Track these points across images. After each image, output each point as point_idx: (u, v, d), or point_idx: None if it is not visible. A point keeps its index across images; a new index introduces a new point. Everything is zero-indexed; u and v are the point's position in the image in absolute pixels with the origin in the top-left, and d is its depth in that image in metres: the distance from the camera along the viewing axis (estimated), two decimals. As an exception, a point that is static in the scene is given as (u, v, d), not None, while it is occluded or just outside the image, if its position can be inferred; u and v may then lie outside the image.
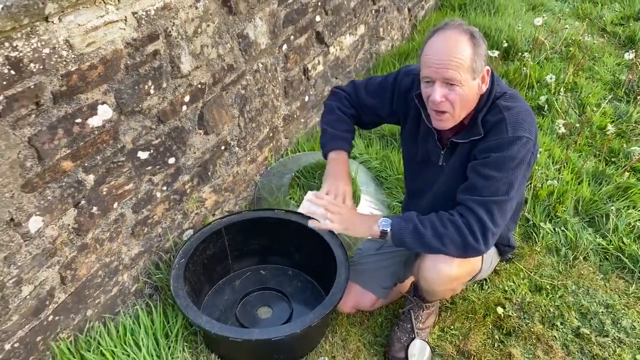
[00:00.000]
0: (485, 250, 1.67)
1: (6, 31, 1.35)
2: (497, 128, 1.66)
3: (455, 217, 1.67)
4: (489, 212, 1.63)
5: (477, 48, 1.61)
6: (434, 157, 1.87)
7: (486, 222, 1.63)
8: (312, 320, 1.79)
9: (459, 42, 1.59)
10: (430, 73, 1.63)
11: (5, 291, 1.53)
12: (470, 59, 1.59)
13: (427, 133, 1.86)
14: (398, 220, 1.74)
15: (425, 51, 1.66)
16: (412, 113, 1.90)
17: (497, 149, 1.64)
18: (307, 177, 2.76)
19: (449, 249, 1.68)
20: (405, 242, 1.72)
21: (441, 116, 1.68)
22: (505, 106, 1.67)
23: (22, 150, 1.49)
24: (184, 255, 2.04)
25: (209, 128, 2.23)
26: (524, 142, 1.63)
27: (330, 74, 3.28)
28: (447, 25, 1.65)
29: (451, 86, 1.61)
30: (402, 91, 1.92)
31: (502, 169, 1.63)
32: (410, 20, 4.51)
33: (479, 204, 1.64)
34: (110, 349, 1.82)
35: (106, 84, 1.71)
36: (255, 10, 2.38)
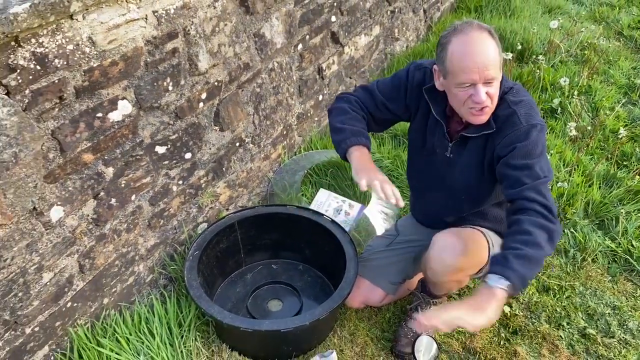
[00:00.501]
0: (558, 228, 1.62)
1: (33, 28, 1.42)
2: (510, 121, 1.71)
3: (526, 217, 1.59)
4: (541, 193, 1.63)
5: (498, 45, 1.67)
6: (441, 149, 1.89)
7: (546, 202, 1.61)
8: (321, 313, 1.83)
9: (486, 40, 1.63)
10: (474, 78, 1.62)
11: (27, 277, 1.60)
12: (499, 54, 1.65)
13: (435, 126, 1.88)
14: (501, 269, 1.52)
15: (458, 58, 1.63)
16: (422, 107, 1.92)
17: (518, 139, 1.68)
18: (319, 175, 2.81)
19: (546, 250, 1.56)
20: (527, 279, 1.54)
21: (482, 111, 1.70)
22: (513, 101, 1.73)
23: (45, 143, 1.55)
24: (198, 247, 2.10)
25: (224, 125, 2.29)
26: (539, 129, 1.69)
27: (345, 74, 3.32)
28: (465, 26, 1.65)
29: (490, 84, 1.65)
30: (415, 85, 1.92)
31: (531, 155, 1.67)
32: (425, 22, 4.54)
33: (531, 190, 1.63)
34: (125, 337, 1.88)
35: (126, 80, 1.77)
36: (271, 10, 2.43)
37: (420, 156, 1.99)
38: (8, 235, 1.51)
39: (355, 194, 2.70)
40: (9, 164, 1.46)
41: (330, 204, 2.59)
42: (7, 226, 1.51)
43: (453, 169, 1.88)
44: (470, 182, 1.84)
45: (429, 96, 1.84)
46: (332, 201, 2.60)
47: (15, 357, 1.64)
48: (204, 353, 1.97)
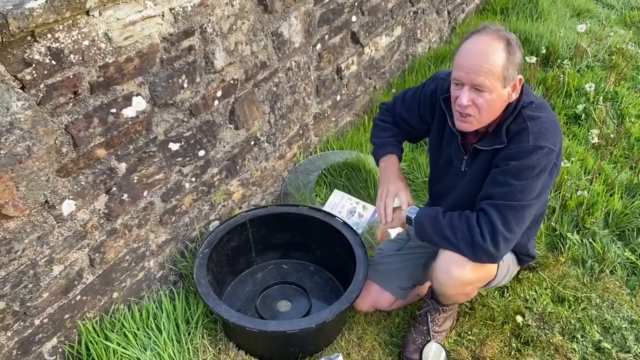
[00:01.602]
0: (497, 254, 1.66)
1: (49, 23, 1.43)
2: (518, 137, 1.65)
3: (472, 215, 1.70)
4: (502, 215, 1.63)
5: (512, 56, 1.60)
6: (457, 161, 1.87)
7: (497, 225, 1.63)
8: (328, 316, 1.82)
9: (493, 47, 1.59)
10: (460, 76, 1.63)
11: (37, 269, 1.62)
12: (502, 67, 1.59)
13: (451, 137, 1.86)
14: (424, 209, 1.83)
15: (459, 52, 1.66)
16: (438, 116, 1.91)
17: (517, 157, 1.63)
18: (334, 176, 2.79)
19: (459, 243, 1.71)
20: (424, 227, 1.78)
21: (466, 118, 1.68)
22: (530, 116, 1.67)
23: (59, 137, 1.57)
24: (209, 245, 2.10)
25: (239, 123, 2.29)
26: (545, 152, 1.62)
27: (364, 75, 3.29)
28: (485, 29, 1.64)
29: (480, 92, 1.61)
30: (428, 95, 1.94)
31: (520, 177, 1.62)
32: (449, 23, 4.48)
33: (492, 206, 1.65)
34: (133, 331, 1.89)
35: (141, 76, 1.78)
36: (290, 9, 2.42)
37: (436, 165, 2.00)
38: (20, 228, 1.53)
39: (370, 196, 2.68)
40: (22, 157, 1.48)
41: (344, 205, 2.58)
42: (19, 218, 1.53)
43: (464, 180, 1.85)
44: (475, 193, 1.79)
45: (445, 105, 1.82)
46: (346, 202, 2.58)
47: (24, 347, 1.66)
48: (210, 351, 1.98)
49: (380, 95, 3.50)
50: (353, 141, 3.07)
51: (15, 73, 1.40)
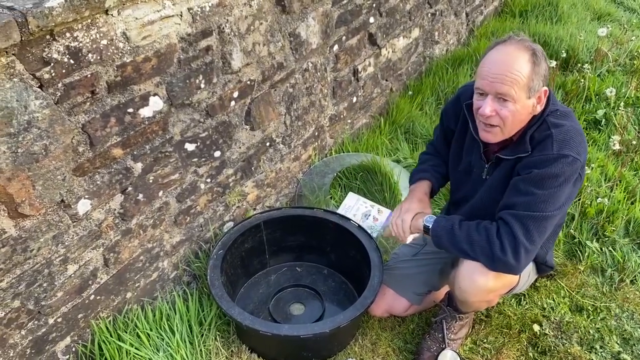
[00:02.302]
0: (517, 266, 1.64)
1: (68, 22, 1.42)
2: (542, 145, 1.62)
3: (491, 226, 1.67)
4: (524, 227, 1.60)
5: (537, 67, 1.57)
6: (477, 169, 1.84)
7: (519, 237, 1.59)
8: (342, 321, 1.80)
9: (518, 58, 1.56)
10: (483, 85, 1.61)
11: (52, 268, 1.62)
12: (527, 77, 1.56)
13: (472, 145, 1.83)
14: (441, 218, 1.79)
15: (483, 62, 1.63)
16: (460, 123, 1.89)
17: (540, 165, 1.60)
18: (349, 178, 2.77)
19: (477, 256, 1.68)
20: (441, 240, 1.76)
21: (490, 129, 1.66)
22: (554, 123, 1.63)
23: (75, 136, 1.56)
24: (223, 246, 2.09)
25: (255, 124, 2.27)
26: (570, 161, 1.58)
27: (381, 76, 3.27)
28: (510, 39, 1.62)
29: (504, 102, 1.58)
30: (450, 105, 1.95)
31: (543, 186, 1.59)
32: (467, 25, 4.44)
33: (514, 217, 1.61)
34: (146, 332, 1.88)
35: (159, 76, 1.77)
36: (308, 10, 2.40)
37: (455, 172, 1.97)
38: (35, 226, 1.53)
39: (385, 199, 2.65)
40: (39, 156, 1.47)
41: (359, 208, 2.54)
42: (35, 217, 1.52)
43: (483, 188, 1.82)
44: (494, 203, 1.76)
45: (468, 111, 1.79)
46: (360, 205, 2.55)
47: (38, 346, 1.66)
48: (223, 353, 1.96)
49: (396, 98, 3.48)
50: (369, 143, 3.04)
51: (33, 72, 1.40)
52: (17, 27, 1.29)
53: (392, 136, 3.19)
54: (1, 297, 1.50)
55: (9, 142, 1.38)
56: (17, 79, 1.36)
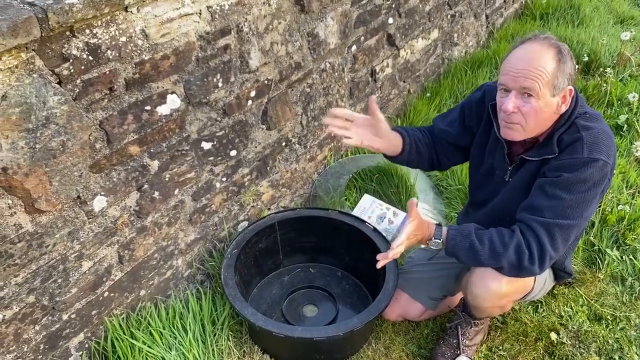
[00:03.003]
0: (540, 272, 1.62)
1: (87, 19, 1.42)
2: (572, 148, 1.58)
3: (516, 235, 1.61)
4: (550, 235, 1.56)
5: (562, 65, 1.53)
6: (500, 171, 1.81)
7: (546, 246, 1.56)
8: (356, 324, 1.78)
9: (543, 54, 1.53)
10: (507, 80, 1.57)
11: (67, 264, 1.62)
12: (552, 74, 1.52)
13: (496, 146, 1.80)
14: (454, 234, 1.70)
15: (507, 59, 1.60)
16: (483, 124, 1.85)
17: (570, 168, 1.56)
18: (365, 180, 2.75)
19: (504, 269, 1.65)
20: (459, 258, 1.70)
21: (511, 126, 1.62)
22: (584, 126, 1.59)
23: (93, 133, 1.56)
24: (237, 246, 2.08)
25: (271, 124, 2.26)
26: (600, 165, 1.54)
27: (399, 77, 3.24)
28: (535, 37, 1.59)
29: (527, 97, 1.55)
30: (474, 104, 1.89)
31: (572, 190, 1.55)
32: (487, 27, 4.39)
33: (541, 225, 1.57)
34: (158, 330, 1.88)
35: (177, 74, 1.77)
36: (327, 9, 2.38)
37: (476, 174, 1.93)
38: (51, 222, 1.53)
39: (401, 202, 2.62)
40: (57, 152, 1.48)
41: (374, 210, 2.51)
42: (51, 213, 1.53)
43: (506, 189, 1.79)
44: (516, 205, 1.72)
45: (493, 113, 1.76)
46: (376, 208, 2.52)
47: (51, 342, 1.66)
48: (235, 353, 1.96)
49: (414, 99, 3.44)
50: (385, 145, 3.01)
51: (52, 68, 1.40)
52: (37, 23, 1.29)
53: (409, 138, 3.15)
54: (16, 292, 1.50)
55: (27, 138, 1.38)
56: (36, 74, 1.36)
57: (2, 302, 1.47)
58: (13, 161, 1.37)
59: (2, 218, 1.40)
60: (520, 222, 1.64)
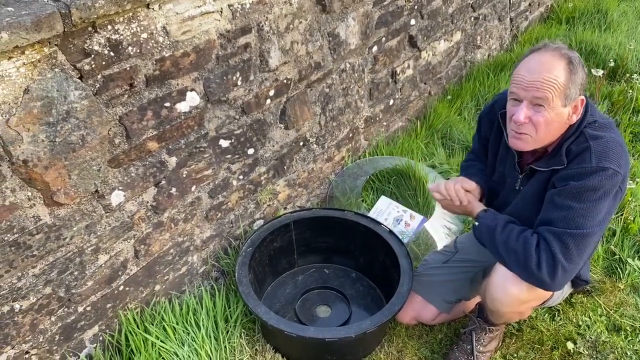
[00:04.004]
0: (552, 285, 1.57)
1: (110, 15, 1.44)
2: (580, 157, 1.55)
3: (532, 238, 1.60)
4: (563, 245, 1.53)
5: (574, 75, 1.52)
6: (511, 179, 1.80)
7: (557, 255, 1.53)
8: (369, 327, 1.77)
9: (554, 65, 1.51)
10: (518, 91, 1.56)
11: (83, 257, 1.64)
12: (563, 85, 1.50)
13: (507, 155, 1.79)
14: (489, 215, 1.76)
15: (517, 69, 1.59)
16: (495, 132, 1.85)
17: (577, 177, 1.53)
18: (382, 182, 2.73)
19: (511, 264, 1.64)
20: (482, 236, 1.74)
21: (520, 136, 1.61)
22: (593, 135, 1.56)
23: (112, 128, 1.58)
24: (252, 244, 2.08)
25: (289, 123, 2.26)
26: (610, 174, 1.51)
27: (419, 79, 3.22)
28: (546, 46, 1.57)
29: (538, 107, 1.53)
30: (484, 113, 1.92)
31: (581, 199, 1.52)
32: (511, 31, 4.34)
33: (553, 234, 1.55)
34: (172, 325, 1.89)
35: (197, 72, 1.78)
36: (349, 10, 2.38)
37: (490, 181, 1.94)
38: (69, 215, 1.56)
39: (418, 205, 2.60)
40: (76, 146, 1.50)
41: (391, 212, 2.51)
42: (69, 206, 1.55)
43: (517, 199, 1.77)
44: (528, 214, 1.70)
45: (502, 121, 1.74)
46: (392, 210, 2.52)
47: (67, 333, 1.68)
48: (247, 351, 1.96)
49: (434, 101, 3.42)
50: (404, 147, 3.00)
51: (74, 63, 1.42)
52: (60, 19, 1.31)
53: (428, 140, 3.13)
54: (34, 283, 1.52)
55: (47, 131, 1.41)
56: (58, 69, 1.38)
57: (20, 293, 1.50)
58: (33, 154, 1.39)
59: (22, 210, 1.43)
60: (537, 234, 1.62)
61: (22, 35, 1.25)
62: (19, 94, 1.32)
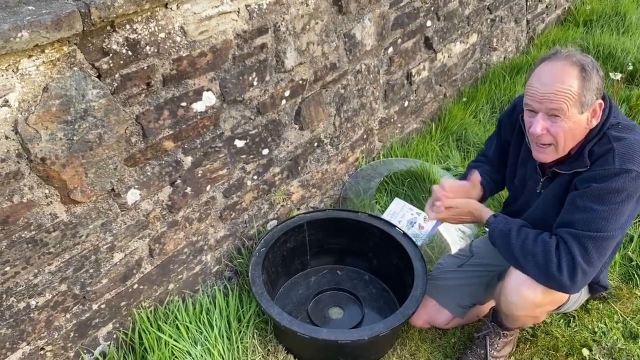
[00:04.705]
0: (572, 287, 1.55)
1: (129, 14, 1.45)
2: (603, 159, 1.53)
3: (551, 241, 1.58)
4: (582, 247, 1.51)
5: (588, 82, 1.49)
6: (532, 182, 1.78)
7: (577, 258, 1.51)
8: (382, 330, 1.76)
9: (567, 74, 1.49)
10: (532, 103, 1.55)
11: (98, 255, 1.65)
12: (578, 93, 1.48)
13: (528, 157, 1.77)
14: (501, 219, 1.72)
15: (531, 80, 1.57)
16: (515, 136, 1.83)
17: (600, 179, 1.51)
18: (396, 183, 2.72)
19: (529, 268, 1.62)
20: (495, 242, 1.71)
21: (544, 148, 1.60)
22: (616, 137, 1.54)
23: (129, 127, 1.59)
24: (265, 244, 2.08)
25: (304, 124, 2.26)
26: (634, 176, 1.48)
27: (435, 81, 3.20)
28: (557, 55, 1.54)
29: (554, 118, 1.52)
30: (506, 116, 1.90)
31: (603, 201, 1.50)
32: (527, 33, 4.30)
33: (572, 236, 1.53)
34: (185, 324, 1.90)
35: (213, 72, 1.78)
36: (365, 11, 2.37)
37: (511, 185, 1.93)
38: (85, 213, 1.56)
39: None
40: (93, 145, 1.50)
41: (404, 215, 2.50)
42: (86, 204, 1.56)
43: (538, 202, 1.75)
44: (549, 218, 1.68)
45: (523, 123, 1.72)
46: (406, 212, 2.51)
47: (81, 330, 1.69)
48: (259, 351, 1.96)
49: (449, 103, 3.40)
50: (418, 149, 2.99)
51: (93, 61, 1.42)
52: (80, 18, 1.32)
53: (442, 143, 3.11)
54: (49, 280, 1.53)
55: (65, 130, 1.41)
56: (77, 67, 1.39)
57: (36, 289, 1.51)
58: (51, 152, 1.40)
59: (39, 207, 1.44)
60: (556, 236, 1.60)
61: (42, 34, 1.25)
62: (38, 92, 1.33)
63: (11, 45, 1.21)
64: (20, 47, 1.22)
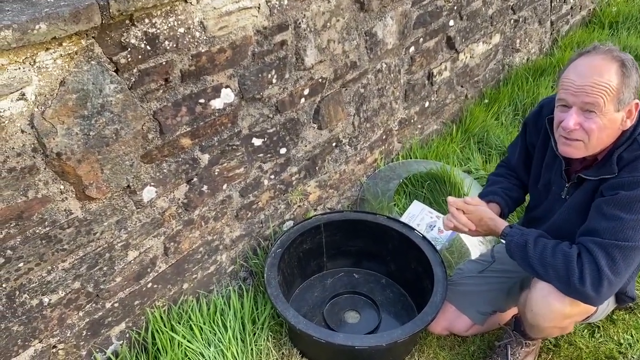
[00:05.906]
0: (597, 299, 1.49)
1: (148, 8, 1.42)
2: (632, 166, 1.47)
3: (571, 251, 1.52)
4: (609, 256, 1.45)
5: (627, 79, 1.43)
6: (557, 188, 1.71)
7: (603, 268, 1.44)
8: (400, 336, 1.71)
9: (606, 68, 1.43)
10: (567, 96, 1.48)
11: (113, 253, 1.62)
12: (616, 89, 1.42)
13: (553, 162, 1.70)
14: (516, 231, 1.66)
15: (566, 73, 1.51)
16: (541, 138, 1.77)
17: (629, 187, 1.45)
18: (415, 186, 2.67)
19: (550, 280, 1.56)
20: (512, 255, 1.66)
21: (571, 142, 1.52)
22: None
23: (146, 123, 1.56)
24: (281, 245, 2.05)
25: (323, 123, 2.22)
26: None
27: (456, 82, 3.14)
28: (596, 49, 1.48)
29: (589, 113, 1.45)
30: (532, 118, 1.83)
31: (631, 210, 1.43)
32: (551, 34, 4.21)
33: (598, 246, 1.46)
34: (199, 325, 1.87)
35: (232, 68, 1.75)
36: (387, 9, 2.32)
37: (534, 190, 1.85)
38: (100, 210, 1.54)
39: (452, 211, 2.52)
40: (110, 140, 1.48)
41: (424, 218, 2.44)
42: (101, 201, 1.53)
43: (562, 208, 1.68)
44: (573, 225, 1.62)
45: (550, 126, 1.66)
46: (425, 215, 2.45)
47: (94, 329, 1.67)
48: (273, 355, 1.92)
49: (471, 105, 3.33)
50: (438, 151, 2.93)
51: (110, 56, 1.40)
52: (98, 10, 1.29)
53: (463, 145, 3.05)
54: (63, 277, 1.51)
55: (81, 125, 1.39)
56: (94, 62, 1.36)
57: (49, 286, 1.49)
58: (67, 147, 1.37)
59: (54, 203, 1.41)
60: (578, 244, 1.54)
61: (60, 27, 1.23)
62: (55, 86, 1.30)
63: (29, 38, 1.18)
64: (37, 39, 1.20)
